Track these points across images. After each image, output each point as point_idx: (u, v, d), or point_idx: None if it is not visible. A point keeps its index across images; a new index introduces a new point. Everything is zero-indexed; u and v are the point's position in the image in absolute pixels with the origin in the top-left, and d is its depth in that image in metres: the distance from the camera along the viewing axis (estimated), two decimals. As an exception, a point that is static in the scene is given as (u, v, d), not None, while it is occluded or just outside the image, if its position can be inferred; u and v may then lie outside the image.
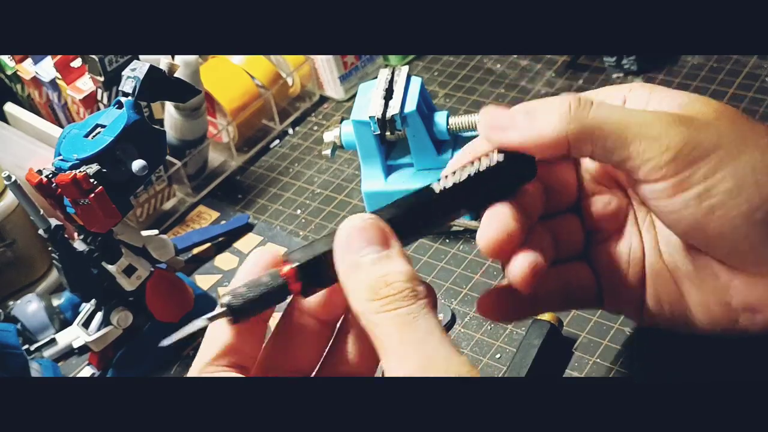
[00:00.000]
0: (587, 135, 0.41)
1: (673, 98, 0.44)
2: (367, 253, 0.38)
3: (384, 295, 0.37)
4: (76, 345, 0.68)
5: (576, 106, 0.41)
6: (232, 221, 0.79)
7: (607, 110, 0.41)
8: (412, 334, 0.36)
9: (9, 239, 0.74)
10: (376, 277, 0.37)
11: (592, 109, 0.41)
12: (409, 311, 0.37)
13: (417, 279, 0.38)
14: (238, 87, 0.86)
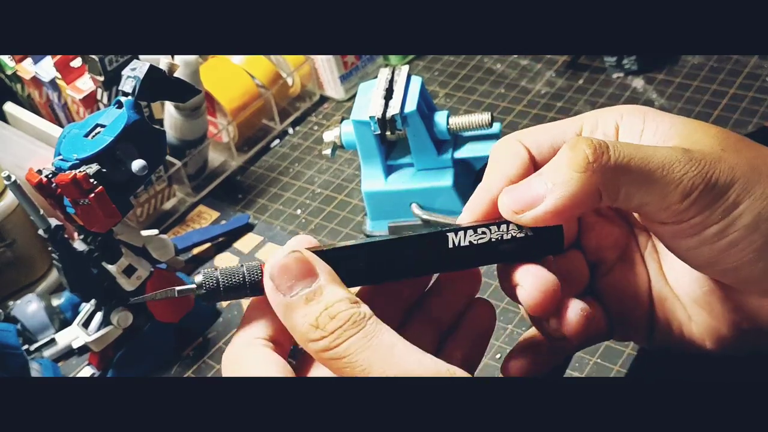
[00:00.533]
0: (612, 180, 0.39)
1: (668, 127, 0.42)
2: (296, 292, 0.36)
3: (333, 328, 0.36)
4: (75, 345, 0.68)
5: (593, 153, 0.38)
6: (233, 221, 0.79)
7: (627, 153, 0.39)
8: (376, 354, 0.35)
9: (9, 239, 0.74)
10: (317, 315, 0.36)
11: (611, 152, 0.39)
12: (364, 334, 0.35)
13: (355, 301, 0.36)
14: (238, 87, 0.86)
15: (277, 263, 0.37)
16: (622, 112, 0.43)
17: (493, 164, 0.43)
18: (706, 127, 0.42)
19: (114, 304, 0.65)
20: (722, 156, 0.40)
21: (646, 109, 0.43)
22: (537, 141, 0.43)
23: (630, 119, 0.43)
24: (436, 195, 0.68)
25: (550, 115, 0.80)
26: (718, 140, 0.41)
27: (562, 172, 0.38)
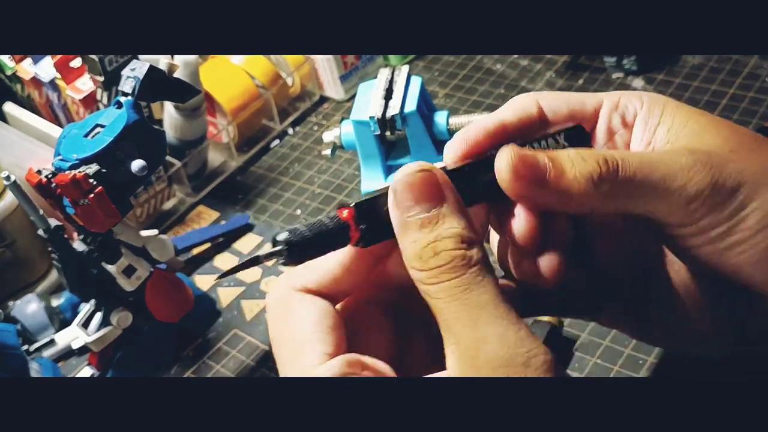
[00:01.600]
0: (617, 194, 0.39)
1: (682, 125, 0.42)
2: (415, 213, 0.35)
3: (432, 266, 0.34)
4: (75, 345, 0.68)
5: (605, 165, 0.38)
6: (232, 221, 0.79)
7: (634, 166, 0.39)
8: (463, 310, 0.34)
9: (9, 239, 0.74)
10: (423, 246, 0.35)
11: (620, 166, 0.39)
12: (459, 283, 0.34)
13: (469, 241, 0.35)
14: (237, 87, 0.86)
15: (403, 179, 0.36)
16: (644, 100, 0.43)
17: (500, 109, 0.43)
18: (718, 125, 0.42)
19: (114, 304, 0.65)
20: (730, 158, 0.40)
21: (667, 100, 0.43)
22: (554, 104, 0.43)
23: (650, 108, 0.43)
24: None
25: (550, 116, 0.80)
26: (728, 141, 0.41)
27: (574, 171, 0.38)
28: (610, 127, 0.44)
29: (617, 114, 0.43)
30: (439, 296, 0.34)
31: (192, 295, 0.69)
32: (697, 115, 0.42)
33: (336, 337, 0.38)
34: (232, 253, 0.76)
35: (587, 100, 0.44)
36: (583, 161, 0.38)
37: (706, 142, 0.41)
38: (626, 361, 0.57)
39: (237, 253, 0.76)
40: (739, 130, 0.42)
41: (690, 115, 0.42)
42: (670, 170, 0.39)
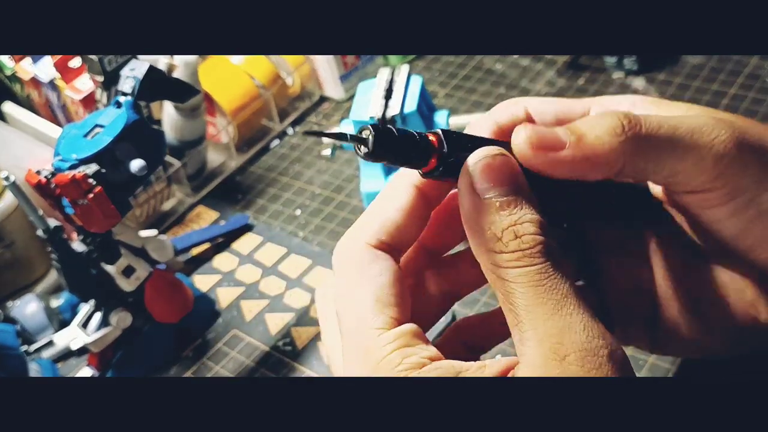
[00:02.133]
0: (643, 151, 0.37)
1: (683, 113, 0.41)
2: (493, 195, 0.34)
3: (513, 248, 0.33)
4: (74, 346, 0.68)
5: (628, 123, 0.37)
6: (232, 221, 0.78)
7: (656, 122, 0.37)
8: (545, 297, 0.33)
9: (8, 240, 0.74)
10: (504, 227, 0.33)
11: (643, 122, 0.37)
12: (541, 269, 0.33)
13: (546, 229, 0.34)
14: (237, 87, 0.86)
15: (483, 160, 0.34)
16: (635, 101, 0.42)
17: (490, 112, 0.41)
18: (717, 112, 0.41)
19: (113, 304, 0.64)
20: (749, 124, 0.39)
21: (659, 100, 0.42)
22: (540, 108, 0.42)
23: (642, 108, 0.41)
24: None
25: (550, 116, 0.80)
26: (737, 118, 0.40)
27: (594, 131, 0.37)
28: None
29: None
30: (518, 281, 0.33)
31: (191, 296, 0.69)
32: (696, 107, 0.41)
33: (404, 302, 0.37)
34: (232, 254, 0.76)
35: (575, 105, 0.42)
36: (602, 119, 0.37)
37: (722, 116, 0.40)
38: (627, 361, 0.57)
39: (237, 253, 0.76)
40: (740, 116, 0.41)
41: (690, 108, 0.41)
42: (696, 126, 0.38)
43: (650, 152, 0.37)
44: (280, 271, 0.73)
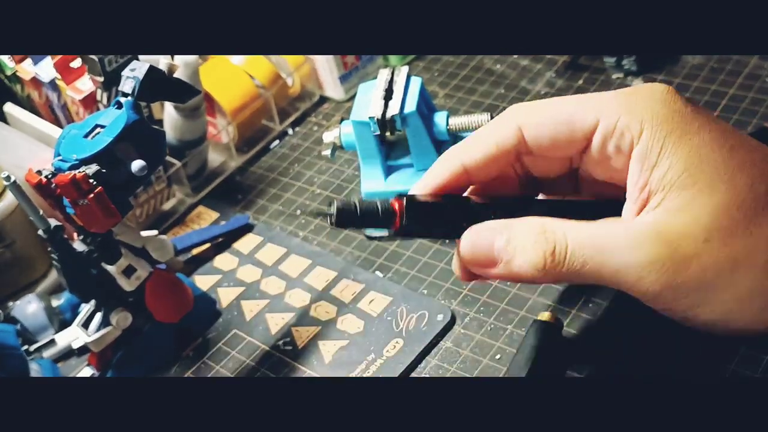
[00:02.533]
0: (561, 281, 0.45)
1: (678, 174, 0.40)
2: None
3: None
4: (75, 345, 0.68)
5: (551, 262, 0.41)
6: (232, 221, 0.79)
7: (581, 260, 0.41)
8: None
9: (8, 240, 0.74)
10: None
11: (566, 262, 0.41)
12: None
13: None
14: (237, 87, 0.86)
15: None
16: (644, 124, 0.41)
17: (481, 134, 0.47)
18: (713, 186, 0.40)
19: (113, 304, 0.65)
20: (699, 251, 0.39)
21: (674, 123, 0.41)
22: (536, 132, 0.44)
23: (648, 145, 0.41)
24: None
25: (549, 116, 0.80)
26: (711, 221, 0.39)
27: (520, 259, 0.42)
28: (604, 155, 0.43)
29: (612, 141, 0.42)
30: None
31: (192, 296, 0.69)
32: (697, 161, 0.40)
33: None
34: (232, 254, 0.76)
35: (577, 123, 0.43)
36: (532, 249, 0.41)
37: (685, 220, 0.40)
38: (626, 361, 0.57)
39: (237, 253, 0.76)
40: (732, 199, 0.40)
41: (688, 162, 0.40)
42: (624, 265, 0.40)
43: (569, 281, 0.45)
44: (281, 270, 0.73)
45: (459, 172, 0.46)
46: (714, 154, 0.40)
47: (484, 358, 0.59)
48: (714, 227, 0.39)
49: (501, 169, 0.46)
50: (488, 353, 0.60)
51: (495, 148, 0.45)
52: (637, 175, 0.41)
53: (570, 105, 0.43)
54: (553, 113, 0.43)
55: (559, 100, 0.44)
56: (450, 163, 0.46)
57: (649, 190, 0.41)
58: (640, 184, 0.41)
